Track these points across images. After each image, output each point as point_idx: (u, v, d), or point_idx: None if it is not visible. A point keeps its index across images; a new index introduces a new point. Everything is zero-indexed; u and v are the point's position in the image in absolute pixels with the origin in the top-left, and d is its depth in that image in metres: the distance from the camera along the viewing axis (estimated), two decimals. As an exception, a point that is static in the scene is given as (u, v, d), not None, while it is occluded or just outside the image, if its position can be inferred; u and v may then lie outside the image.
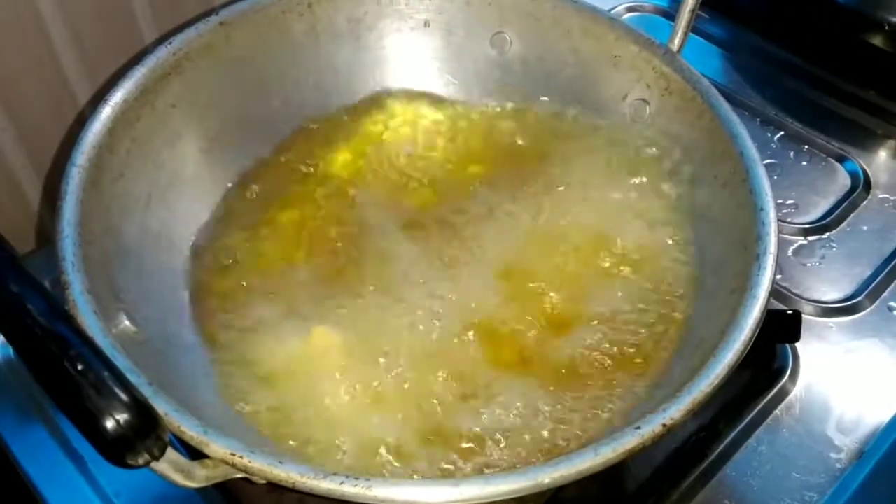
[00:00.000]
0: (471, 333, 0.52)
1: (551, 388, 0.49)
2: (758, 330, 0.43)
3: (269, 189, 0.60)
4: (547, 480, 0.37)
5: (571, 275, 0.55)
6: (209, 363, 0.51)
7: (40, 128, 0.64)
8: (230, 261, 0.56)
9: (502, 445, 0.46)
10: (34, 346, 0.34)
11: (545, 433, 0.47)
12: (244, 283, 0.55)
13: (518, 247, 0.57)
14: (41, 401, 0.58)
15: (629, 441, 0.38)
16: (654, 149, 0.60)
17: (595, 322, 0.53)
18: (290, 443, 0.46)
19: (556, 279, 0.55)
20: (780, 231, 0.48)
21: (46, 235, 0.69)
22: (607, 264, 0.56)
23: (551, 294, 0.54)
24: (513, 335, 0.52)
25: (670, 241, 0.56)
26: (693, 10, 0.56)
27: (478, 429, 0.47)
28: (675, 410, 0.39)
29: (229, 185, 0.60)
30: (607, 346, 0.51)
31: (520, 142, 0.63)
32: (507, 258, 0.56)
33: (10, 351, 0.60)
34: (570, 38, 0.62)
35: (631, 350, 0.51)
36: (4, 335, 0.35)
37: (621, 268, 0.55)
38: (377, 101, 0.65)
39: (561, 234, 0.57)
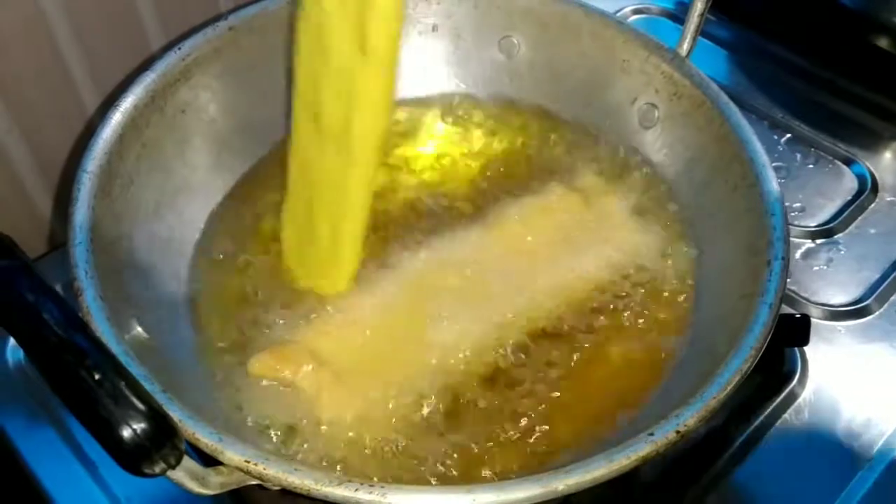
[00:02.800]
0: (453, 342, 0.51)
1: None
2: (769, 336, 0.43)
3: (273, 193, 0.59)
4: (561, 487, 0.37)
5: (575, 276, 0.55)
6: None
7: (48, 133, 0.64)
8: (235, 265, 0.56)
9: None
10: (50, 355, 0.34)
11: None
12: (247, 289, 0.54)
13: (518, 251, 0.57)
14: (52, 405, 0.58)
15: (643, 448, 0.38)
16: (663, 153, 0.60)
17: (597, 326, 0.53)
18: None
19: (559, 283, 0.55)
20: (788, 235, 0.48)
21: (56, 239, 0.69)
22: (611, 268, 0.56)
23: (550, 301, 0.54)
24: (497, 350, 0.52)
25: (678, 246, 0.56)
26: (702, 15, 0.56)
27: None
28: (689, 417, 0.39)
29: (237, 188, 0.60)
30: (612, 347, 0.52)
31: (525, 146, 0.63)
32: (506, 265, 0.56)
33: (21, 355, 0.60)
34: (578, 43, 0.62)
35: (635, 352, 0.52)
36: (20, 344, 0.35)
37: (626, 272, 0.55)
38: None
39: (564, 239, 0.57)
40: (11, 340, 0.61)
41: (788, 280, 0.63)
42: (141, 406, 0.33)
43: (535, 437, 0.48)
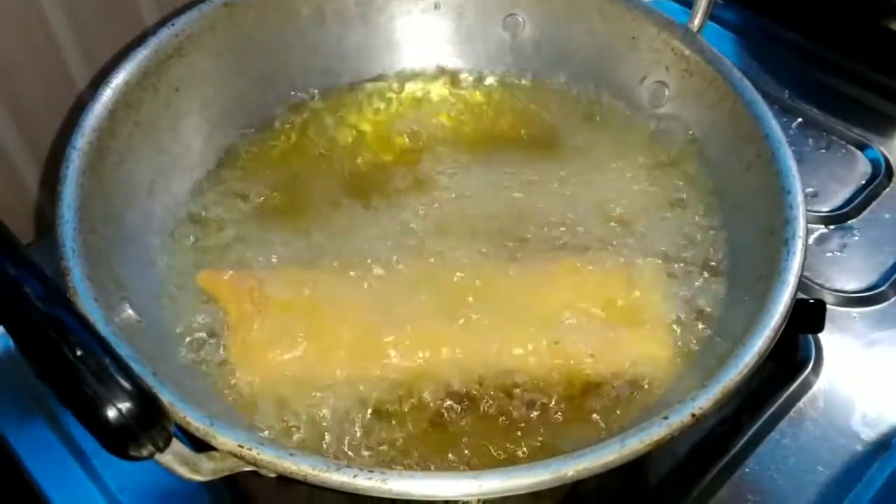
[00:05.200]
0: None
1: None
2: (788, 317, 0.42)
3: (267, 169, 0.58)
4: (571, 473, 0.35)
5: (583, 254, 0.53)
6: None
7: (37, 113, 0.62)
8: (227, 249, 0.54)
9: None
10: (31, 332, 0.33)
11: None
12: (241, 273, 0.52)
13: (524, 227, 0.55)
14: (42, 394, 0.56)
15: (657, 431, 0.36)
16: (674, 132, 0.58)
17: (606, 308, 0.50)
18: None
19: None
20: (801, 217, 0.46)
21: (45, 227, 0.67)
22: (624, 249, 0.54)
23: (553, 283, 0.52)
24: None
25: (691, 227, 0.54)
26: (714, -11, 0.54)
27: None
28: (705, 399, 0.38)
29: (230, 168, 0.58)
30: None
31: (532, 121, 0.62)
32: (510, 236, 0.54)
33: (11, 343, 0.58)
34: (585, 19, 0.60)
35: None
36: (0, 320, 0.34)
37: (637, 255, 0.53)
38: (384, 81, 0.64)
39: (576, 215, 0.55)
40: (0, 328, 0.59)
41: (802, 265, 0.62)
42: (127, 385, 0.31)
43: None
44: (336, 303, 0.50)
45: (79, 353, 0.31)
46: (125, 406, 0.30)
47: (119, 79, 0.51)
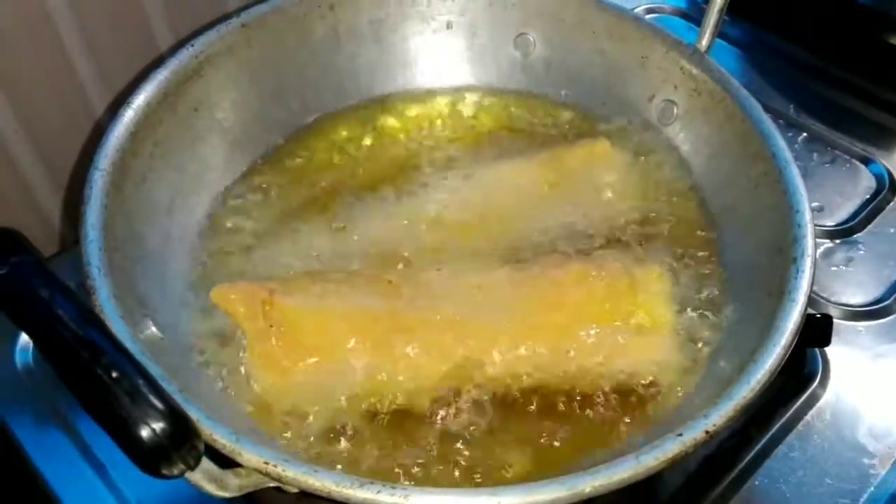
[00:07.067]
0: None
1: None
2: (798, 335, 0.42)
3: (283, 186, 0.59)
4: (588, 489, 0.36)
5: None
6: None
7: (55, 134, 0.63)
8: (243, 264, 0.55)
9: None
10: (65, 353, 0.33)
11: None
12: (254, 287, 0.53)
13: (533, 236, 0.56)
14: (61, 407, 0.57)
15: (671, 448, 0.37)
16: (682, 149, 0.59)
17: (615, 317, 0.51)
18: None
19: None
20: (807, 233, 0.47)
21: (64, 243, 0.68)
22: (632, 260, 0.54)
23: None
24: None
25: (699, 241, 0.55)
26: (722, 10, 0.55)
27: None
28: (718, 416, 0.38)
29: (247, 185, 0.59)
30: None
31: (542, 136, 0.63)
32: (519, 245, 0.55)
33: (30, 357, 0.59)
34: (595, 39, 0.61)
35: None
36: (34, 341, 0.35)
37: (645, 266, 0.54)
38: (396, 98, 0.65)
39: (584, 226, 0.57)
40: (20, 343, 0.60)
41: (808, 280, 0.62)
42: (160, 405, 0.32)
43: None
44: (348, 312, 0.51)
45: (113, 374, 0.32)
46: (159, 426, 0.31)
47: (140, 99, 0.52)
